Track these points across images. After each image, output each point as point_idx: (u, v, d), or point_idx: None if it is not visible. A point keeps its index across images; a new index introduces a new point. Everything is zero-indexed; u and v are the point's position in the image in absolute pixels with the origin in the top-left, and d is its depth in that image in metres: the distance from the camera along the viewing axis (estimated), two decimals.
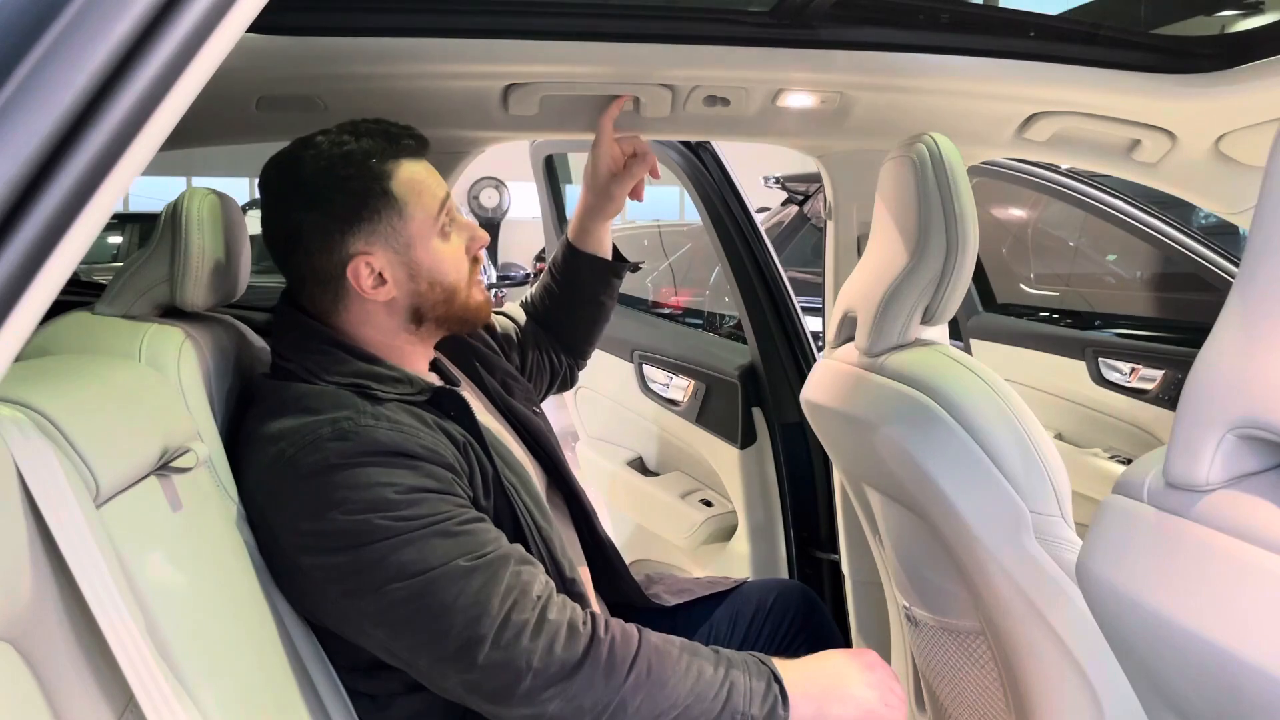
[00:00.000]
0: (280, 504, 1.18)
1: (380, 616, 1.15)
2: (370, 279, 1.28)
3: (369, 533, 1.13)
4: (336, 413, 1.19)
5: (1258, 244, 0.61)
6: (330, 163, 1.27)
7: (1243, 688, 0.59)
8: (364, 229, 1.27)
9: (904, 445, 1.37)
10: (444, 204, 1.32)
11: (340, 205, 1.27)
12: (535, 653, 1.12)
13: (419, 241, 1.30)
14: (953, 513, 1.31)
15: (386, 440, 1.17)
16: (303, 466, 1.16)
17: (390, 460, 1.16)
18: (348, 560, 1.14)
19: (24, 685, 0.77)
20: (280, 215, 1.31)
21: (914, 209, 1.42)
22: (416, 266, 1.30)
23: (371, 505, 1.13)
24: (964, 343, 3.26)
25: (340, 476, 1.14)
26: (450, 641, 1.12)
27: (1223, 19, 1.71)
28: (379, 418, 1.19)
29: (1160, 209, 2.83)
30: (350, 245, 1.27)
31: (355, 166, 1.26)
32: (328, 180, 1.26)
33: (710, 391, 2.54)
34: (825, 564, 2.27)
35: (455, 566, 1.13)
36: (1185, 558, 0.64)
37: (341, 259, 1.28)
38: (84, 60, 0.53)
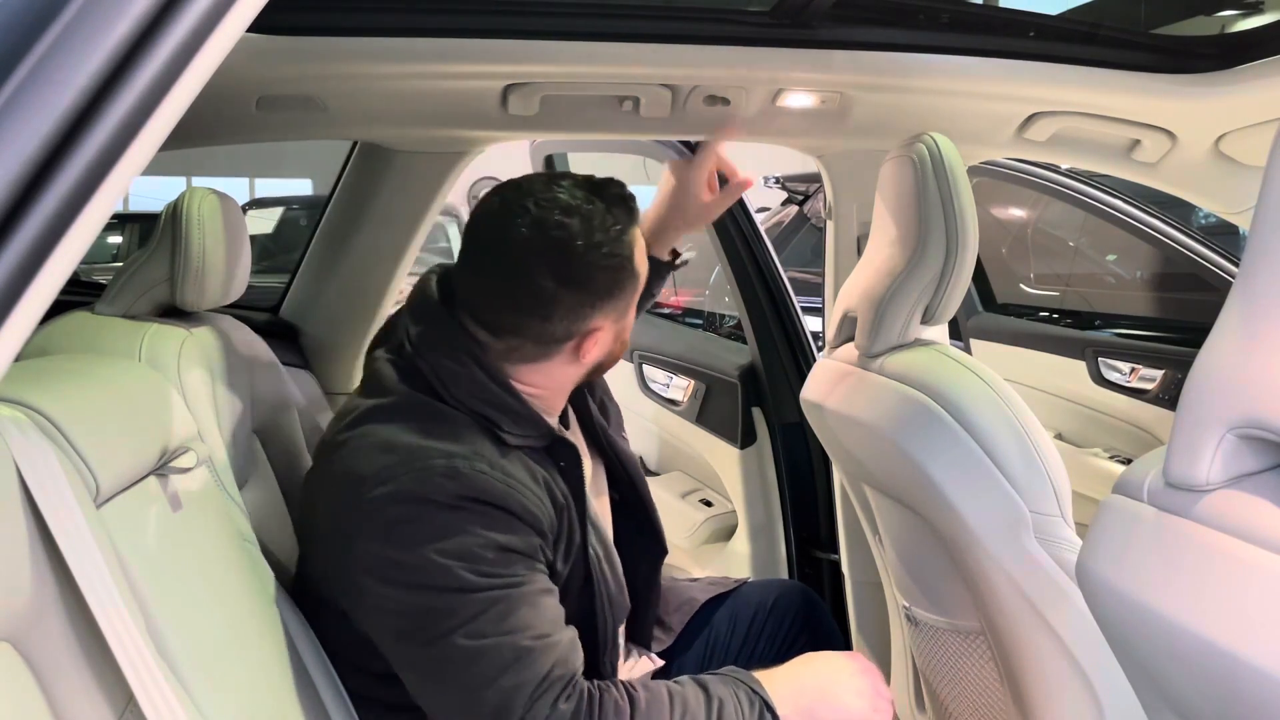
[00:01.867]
0: (367, 515, 1.15)
1: (425, 666, 1.15)
2: (594, 348, 1.28)
3: (448, 579, 1.11)
4: (455, 447, 1.16)
5: (1258, 244, 0.61)
6: (599, 240, 1.22)
7: (1242, 687, 0.59)
8: (610, 305, 1.26)
9: (904, 445, 1.37)
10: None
11: (600, 284, 1.24)
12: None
13: (633, 307, 1.31)
14: (953, 513, 1.31)
15: (493, 492, 1.15)
16: (404, 490, 1.14)
17: (489, 512, 1.15)
18: (415, 600, 1.13)
19: (24, 685, 0.77)
20: (529, 280, 1.22)
21: (914, 209, 1.42)
22: (623, 329, 1.31)
23: (459, 554, 1.12)
24: (964, 343, 3.26)
25: (437, 515, 1.13)
26: (477, 714, 1.12)
27: (1223, 19, 1.71)
28: (494, 466, 1.17)
29: (1160, 209, 2.83)
30: (594, 320, 1.25)
31: (616, 244, 1.23)
32: (594, 258, 1.22)
33: (710, 391, 2.54)
34: (825, 564, 2.27)
35: (511, 643, 1.12)
36: (1185, 558, 0.64)
37: (580, 331, 1.25)
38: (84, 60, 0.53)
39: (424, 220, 2.04)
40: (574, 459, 1.29)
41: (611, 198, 1.26)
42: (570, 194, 1.23)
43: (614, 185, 1.28)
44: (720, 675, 1.25)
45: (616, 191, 1.27)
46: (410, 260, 2.11)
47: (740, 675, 1.25)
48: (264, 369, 1.66)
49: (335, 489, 1.20)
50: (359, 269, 2.07)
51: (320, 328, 2.11)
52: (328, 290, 2.11)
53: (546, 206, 1.22)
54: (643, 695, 1.19)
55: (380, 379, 1.26)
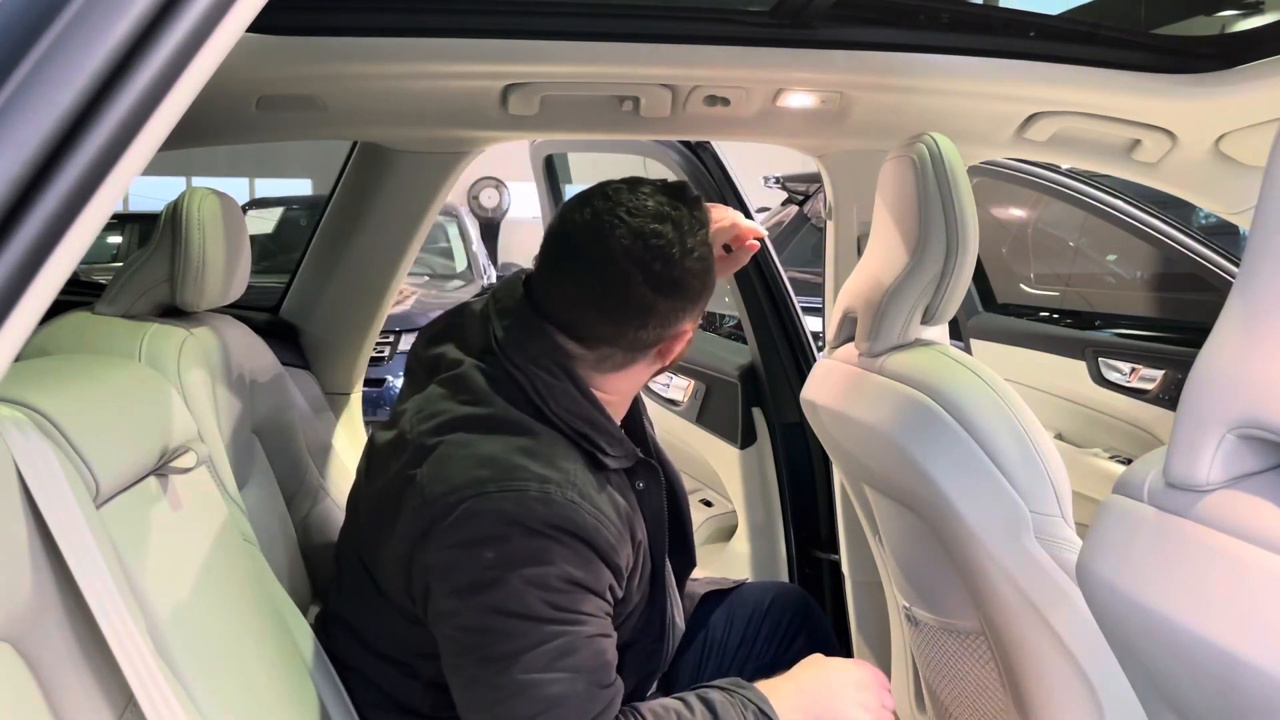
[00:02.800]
0: (453, 524, 1.14)
1: (472, 683, 1.15)
2: (677, 349, 1.29)
3: (517, 605, 1.11)
4: (551, 471, 1.16)
5: (1258, 244, 0.61)
6: (690, 246, 1.22)
7: (1242, 687, 0.59)
8: (698, 308, 1.28)
9: (904, 445, 1.37)
10: None
11: (692, 288, 1.24)
12: None
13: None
14: (953, 513, 1.31)
15: (581, 525, 1.15)
16: (495, 508, 1.13)
17: (573, 544, 1.14)
18: (481, 620, 1.13)
19: (24, 685, 0.77)
20: (627, 290, 1.21)
21: (914, 209, 1.42)
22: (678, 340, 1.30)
23: (535, 581, 1.12)
24: (964, 343, 3.26)
25: (523, 538, 1.13)
26: None
27: (1223, 19, 1.71)
28: (585, 497, 1.17)
29: (1160, 209, 2.83)
30: (684, 324, 1.27)
31: (703, 248, 1.25)
32: (689, 264, 1.22)
33: (710, 391, 2.54)
34: (825, 564, 2.27)
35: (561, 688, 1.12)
36: (1185, 558, 0.64)
37: (673, 335, 1.27)
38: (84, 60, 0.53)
39: (424, 220, 2.04)
40: (656, 480, 1.30)
41: (691, 202, 1.26)
42: (658, 201, 1.23)
43: (688, 189, 1.28)
44: (727, 691, 1.25)
45: (693, 195, 1.28)
46: (410, 260, 2.11)
47: (747, 692, 1.24)
48: (264, 369, 1.66)
49: (422, 493, 1.18)
50: (359, 269, 2.07)
51: (320, 328, 2.11)
52: (328, 290, 2.11)
53: (641, 215, 1.21)
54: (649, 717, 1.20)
55: (471, 385, 1.23)
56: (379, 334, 2.20)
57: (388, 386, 5.08)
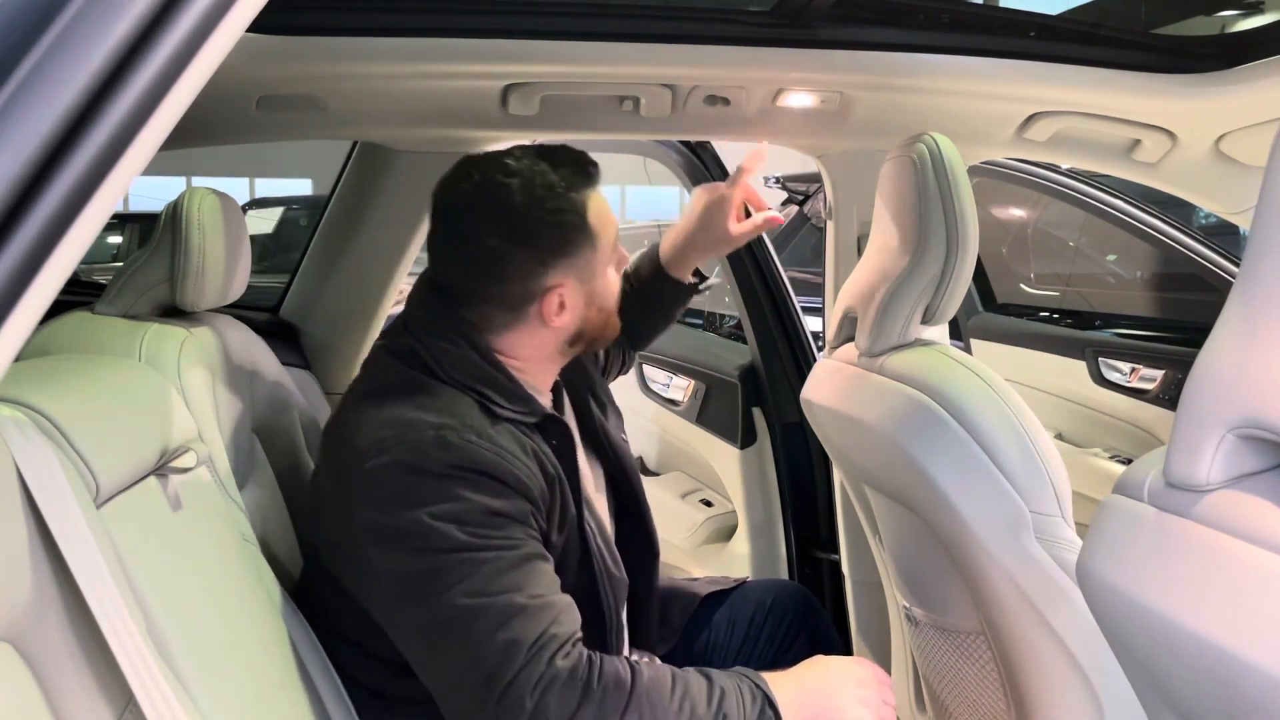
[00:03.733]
0: (365, 485, 1.19)
1: (425, 629, 1.17)
2: (559, 310, 1.30)
3: (443, 539, 1.14)
4: (446, 419, 1.20)
5: (1258, 244, 0.61)
6: (540, 195, 1.26)
7: (1243, 687, 0.59)
8: (564, 263, 1.28)
9: (904, 445, 1.37)
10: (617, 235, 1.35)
11: (547, 239, 1.27)
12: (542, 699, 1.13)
13: (600, 270, 1.32)
14: (953, 513, 1.31)
15: (483, 460, 1.18)
16: (398, 461, 1.17)
17: (479, 480, 1.18)
18: (414, 562, 1.15)
19: (24, 685, 0.77)
20: (477, 241, 1.27)
21: (914, 209, 1.42)
22: (593, 294, 1.33)
23: (453, 515, 1.15)
24: (964, 343, 3.26)
25: (430, 482, 1.16)
26: (477, 672, 1.13)
27: (1223, 19, 1.72)
28: (482, 435, 1.20)
29: (1160, 209, 2.83)
30: (550, 278, 1.28)
31: (562, 200, 1.27)
32: (537, 213, 1.26)
33: (710, 391, 2.54)
34: (825, 564, 2.27)
35: (507, 601, 1.14)
36: (1185, 558, 0.64)
37: (537, 290, 1.28)
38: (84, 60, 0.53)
39: (424, 220, 2.03)
40: (566, 437, 1.31)
41: (561, 159, 1.29)
42: (515, 158, 1.28)
43: (567, 150, 1.31)
44: (725, 670, 1.26)
45: (567, 154, 1.30)
46: (410, 260, 2.11)
47: (745, 671, 1.25)
48: (264, 369, 1.66)
49: (335, 466, 1.25)
50: (359, 269, 2.07)
51: (320, 328, 2.11)
52: (328, 290, 2.11)
53: (489, 169, 1.27)
54: (645, 672, 1.20)
55: (375, 363, 1.32)
56: (379, 334, 2.20)
57: None
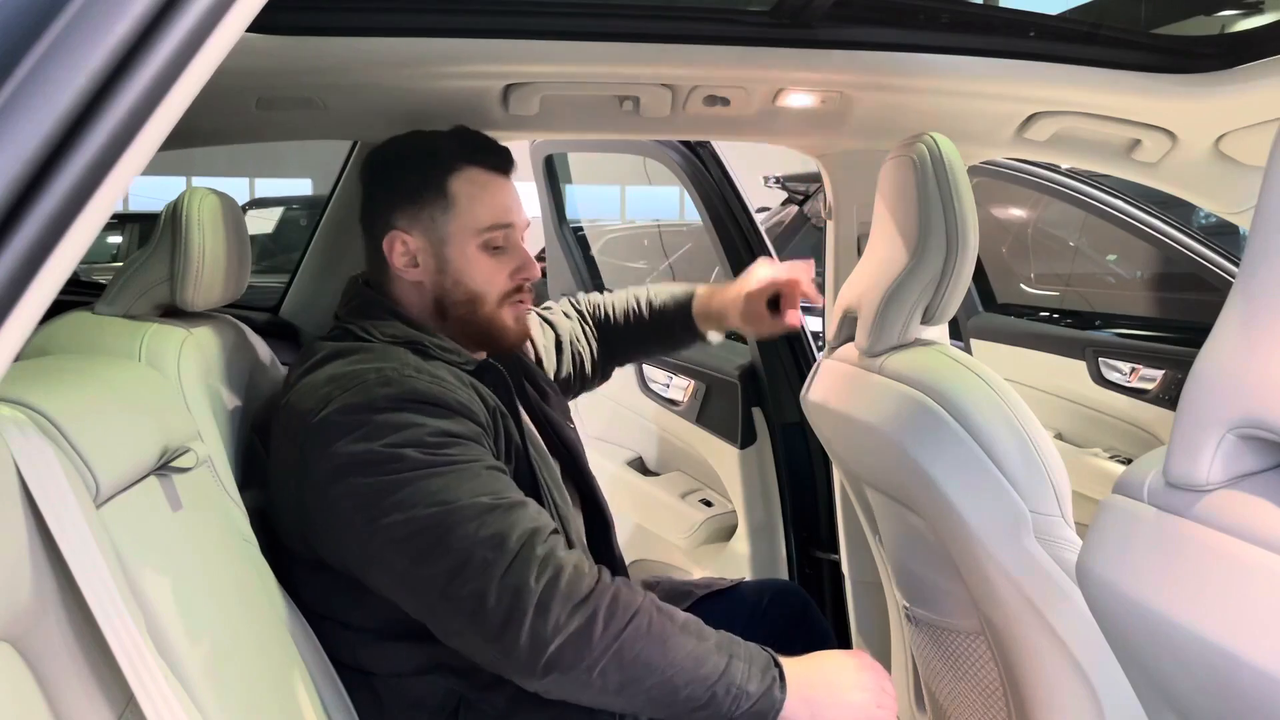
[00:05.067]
0: (317, 435, 1.22)
1: (403, 543, 1.17)
2: (402, 257, 1.41)
3: (401, 461, 1.18)
4: (383, 363, 1.28)
5: (1258, 244, 0.61)
6: (407, 149, 1.43)
7: (1242, 687, 0.59)
8: (408, 210, 1.40)
9: (904, 445, 1.37)
10: (501, 225, 1.42)
11: (396, 182, 1.42)
12: (544, 587, 1.13)
13: (455, 241, 1.40)
14: (953, 513, 1.31)
15: (425, 390, 1.24)
16: (345, 404, 1.22)
17: (427, 408, 1.23)
18: (377, 483, 1.18)
19: (24, 685, 0.77)
20: (362, 185, 1.48)
21: (914, 209, 1.42)
22: (445, 262, 1.41)
23: (407, 440, 1.19)
24: (964, 343, 3.26)
25: (380, 416, 1.21)
26: (467, 572, 1.14)
27: (1223, 19, 1.71)
28: (420, 370, 1.28)
29: (1160, 209, 2.83)
30: (392, 219, 1.41)
31: (424, 156, 1.41)
32: (398, 161, 1.43)
33: (710, 391, 2.54)
34: (825, 564, 2.27)
35: (478, 502, 1.17)
36: (1185, 558, 0.64)
37: (382, 228, 1.42)
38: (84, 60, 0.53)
39: None
40: (501, 382, 1.39)
41: (460, 136, 1.44)
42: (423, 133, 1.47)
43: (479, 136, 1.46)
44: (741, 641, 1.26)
45: (471, 138, 1.44)
46: None
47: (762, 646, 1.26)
48: (264, 369, 1.66)
49: (284, 431, 1.29)
50: (359, 269, 2.07)
51: (320, 328, 2.11)
52: (328, 290, 2.10)
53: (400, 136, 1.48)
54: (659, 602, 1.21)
55: (307, 350, 1.40)
56: None
57: None
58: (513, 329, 1.45)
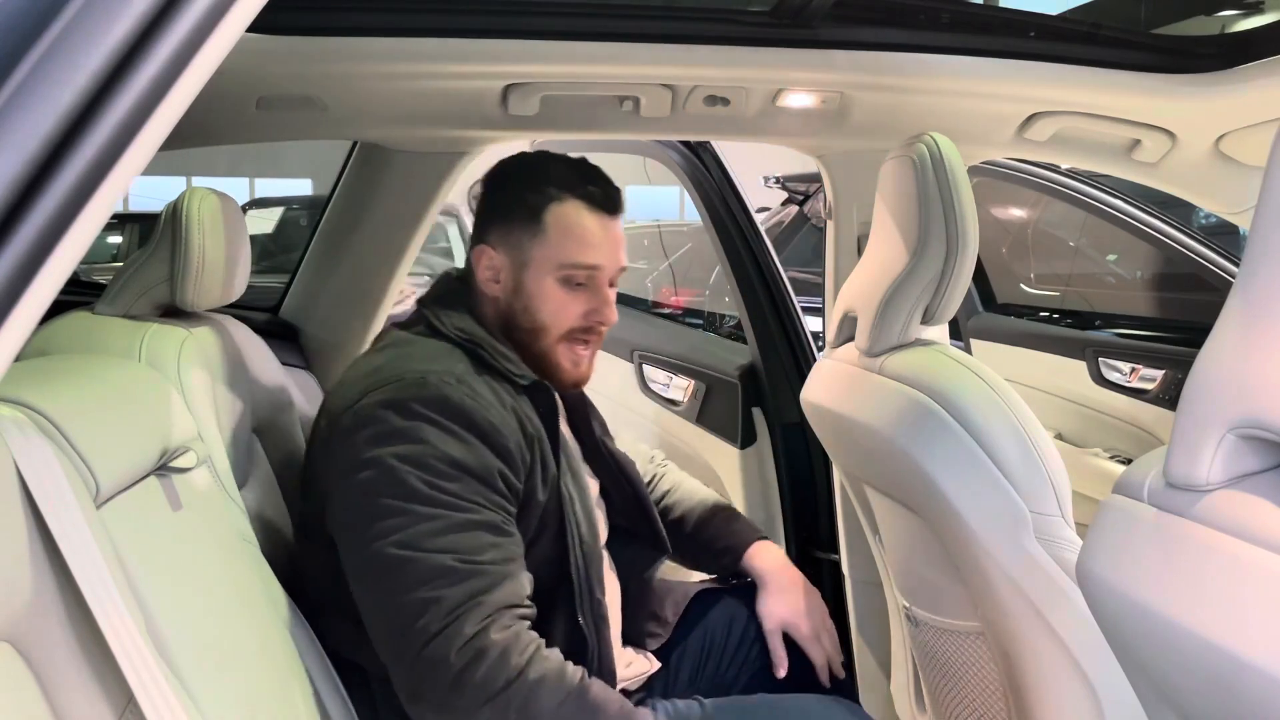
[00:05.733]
0: (349, 429, 1.26)
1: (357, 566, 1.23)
2: (485, 269, 1.43)
3: (398, 485, 1.20)
4: (431, 365, 1.29)
5: (1258, 244, 0.61)
6: (518, 168, 1.46)
7: (1243, 687, 0.59)
8: (501, 227, 1.42)
9: (904, 445, 1.37)
10: (585, 265, 1.40)
11: (502, 201, 1.44)
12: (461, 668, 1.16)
13: (535, 269, 1.40)
14: (953, 513, 1.31)
15: (458, 403, 1.25)
16: (376, 399, 1.25)
17: (449, 425, 1.24)
18: (363, 500, 1.22)
19: (24, 685, 0.77)
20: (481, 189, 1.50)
21: (914, 209, 1.42)
22: (521, 286, 1.41)
23: (416, 460, 1.21)
24: (964, 343, 3.25)
25: (403, 419, 1.23)
26: (394, 623, 1.18)
27: (1223, 19, 1.71)
28: (462, 382, 1.28)
29: (1160, 209, 2.83)
30: (487, 234, 1.44)
31: (531, 182, 1.42)
32: (511, 180, 1.45)
33: (710, 391, 2.54)
34: (825, 564, 2.27)
35: (439, 562, 1.18)
36: (1185, 558, 0.64)
37: (478, 238, 1.45)
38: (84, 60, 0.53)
39: (424, 220, 2.04)
40: (551, 407, 1.38)
41: (575, 166, 1.44)
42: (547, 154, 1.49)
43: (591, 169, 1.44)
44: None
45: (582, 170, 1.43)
46: (410, 260, 2.11)
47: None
48: (264, 369, 1.66)
49: (324, 416, 1.33)
50: (359, 269, 2.07)
51: (320, 328, 2.11)
52: (328, 290, 2.11)
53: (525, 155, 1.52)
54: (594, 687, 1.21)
55: (381, 334, 1.44)
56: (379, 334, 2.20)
57: None
58: (567, 370, 1.43)
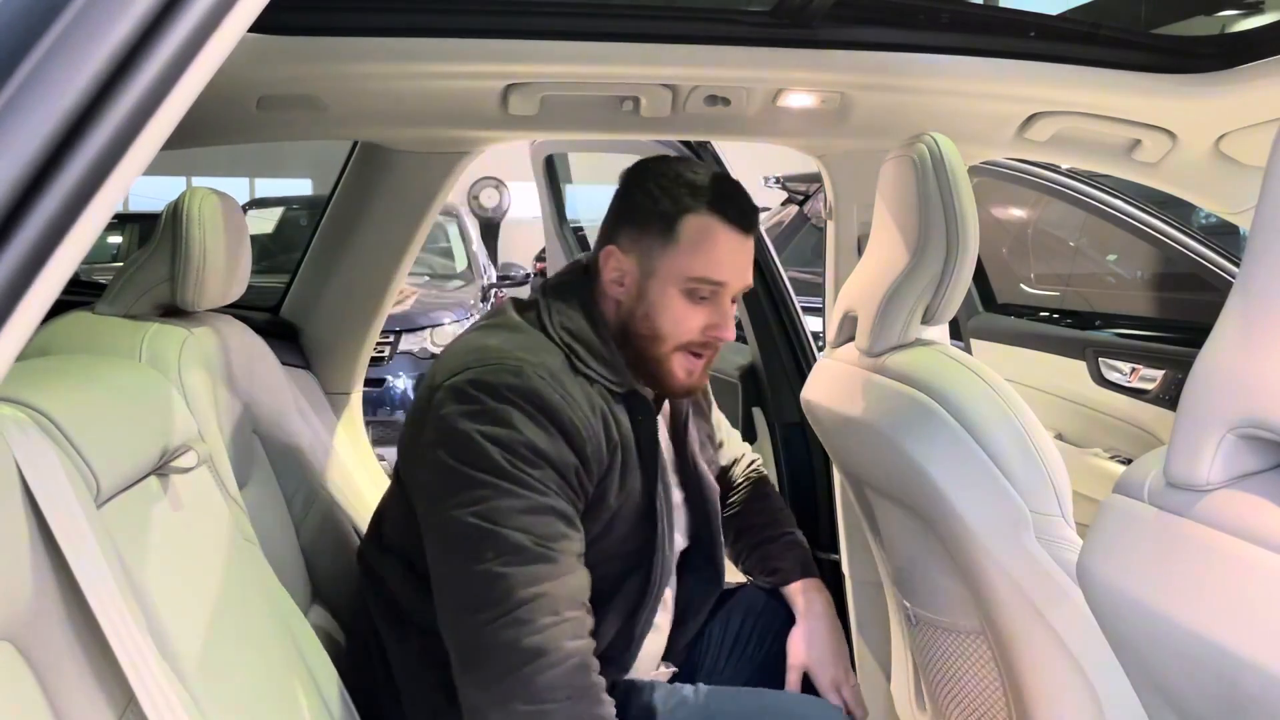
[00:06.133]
0: (444, 402, 1.28)
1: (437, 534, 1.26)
2: (611, 270, 1.42)
3: (482, 458, 1.23)
4: (530, 356, 1.30)
5: (1258, 244, 0.61)
6: (656, 174, 1.42)
7: (1242, 686, 0.59)
8: (634, 232, 1.41)
9: (904, 446, 1.37)
10: (712, 281, 1.39)
11: (639, 204, 1.41)
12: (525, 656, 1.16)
13: (661, 278, 1.39)
14: (953, 513, 1.31)
15: (547, 399, 1.27)
16: (472, 379, 1.27)
17: (537, 416, 1.26)
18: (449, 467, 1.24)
19: (24, 685, 0.77)
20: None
21: (914, 209, 1.42)
22: (644, 293, 1.40)
23: (499, 440, 1.23)
24: (964, 343, 3.25)
25: (493, 400, 1.25)
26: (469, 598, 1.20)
27: (1223, 19, 1.71)
28: (555, 379, 1.30)
29: (1160, 209, 2.83)
30: (618, 235, 1.42)
31: (672, 191, 1.39)
32: (652, 187, 1.41)
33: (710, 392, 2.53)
34: (825, 564, 2.27)
35: (516, 539, 1.20)
36: (1185, 557, 0.64)
37: (608, 239, 1.43)
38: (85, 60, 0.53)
39: (424, 220, 2.04)
40: (648, 412, 1.40)
41: (716, 180, 1.42)
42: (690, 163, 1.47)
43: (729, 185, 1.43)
44: None
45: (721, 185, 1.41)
46: (410, 260, 2.11)
47: None
48: (264, 369, 1.67)
49: (425, 387, 1.34)
50: (359, 269, 2.07)
51: (320, 328, 2.11)
52: (328, 290, 2.11)
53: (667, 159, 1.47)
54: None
55: (496, 310, 1.44)
56: (379, 334, 2.20)
57: (388, 386, 5.06)
58: (680, 379, 1.42)
